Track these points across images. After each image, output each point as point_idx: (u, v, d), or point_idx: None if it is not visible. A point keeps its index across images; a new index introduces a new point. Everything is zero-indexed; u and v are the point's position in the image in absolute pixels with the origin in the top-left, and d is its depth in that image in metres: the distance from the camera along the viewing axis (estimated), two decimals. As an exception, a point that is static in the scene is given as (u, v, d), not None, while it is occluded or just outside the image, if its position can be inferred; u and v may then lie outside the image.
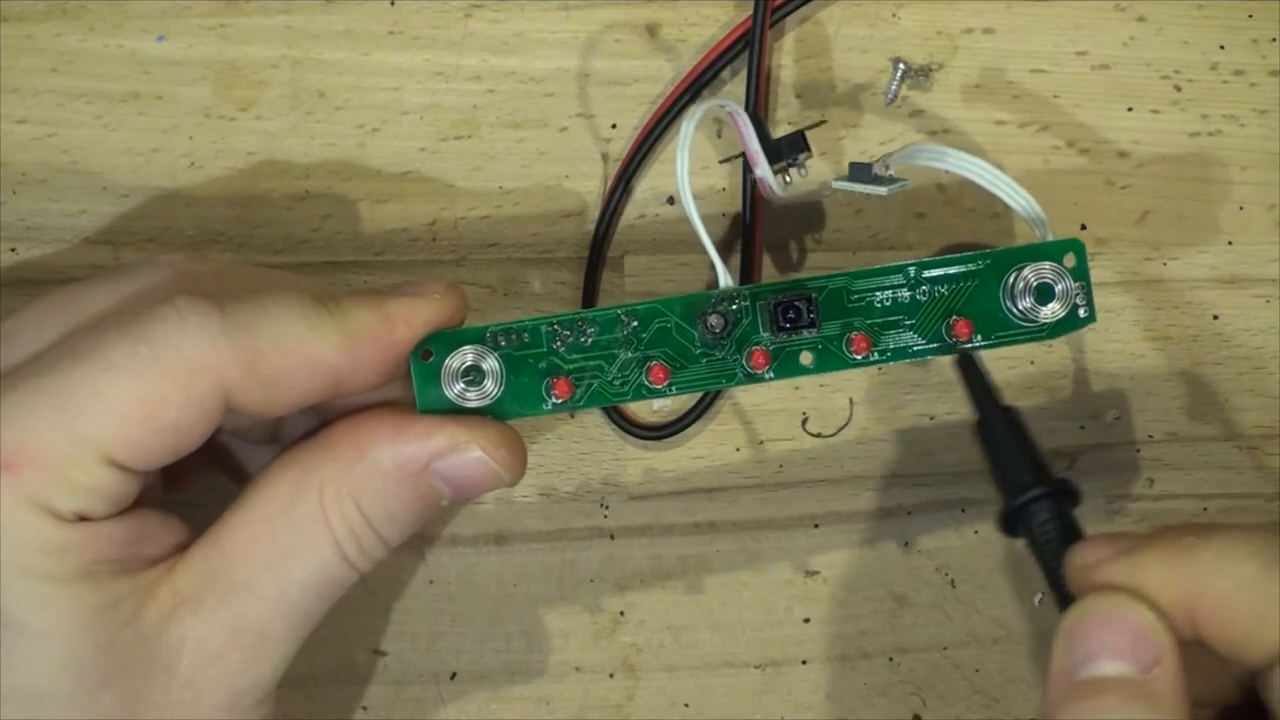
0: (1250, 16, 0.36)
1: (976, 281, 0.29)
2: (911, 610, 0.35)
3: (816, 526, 0.35)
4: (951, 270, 0.29)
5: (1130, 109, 0.36)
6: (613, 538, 0.35)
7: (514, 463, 0.28)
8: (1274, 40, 0.36)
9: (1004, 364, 0.35)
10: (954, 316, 0.29)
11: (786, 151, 0.32)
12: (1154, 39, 0.36)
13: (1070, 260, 0.29)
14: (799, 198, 0.35)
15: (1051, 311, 0.29)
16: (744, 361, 0.29)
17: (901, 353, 0.29)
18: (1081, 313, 0.29)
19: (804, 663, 0.35)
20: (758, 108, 0.34)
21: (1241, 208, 0.36)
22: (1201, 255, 0.36)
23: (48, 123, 0.34)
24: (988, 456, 0.29)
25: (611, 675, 0.35)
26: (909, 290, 0.29)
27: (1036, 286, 0.29)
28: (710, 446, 0.35)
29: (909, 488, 0.35)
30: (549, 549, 0.35)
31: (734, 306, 0.29)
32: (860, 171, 0.32)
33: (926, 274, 0.29)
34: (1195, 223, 0.36)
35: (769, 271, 0.35)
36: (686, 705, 0.35)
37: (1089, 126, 0.36)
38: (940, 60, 0.36)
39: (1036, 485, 0.28)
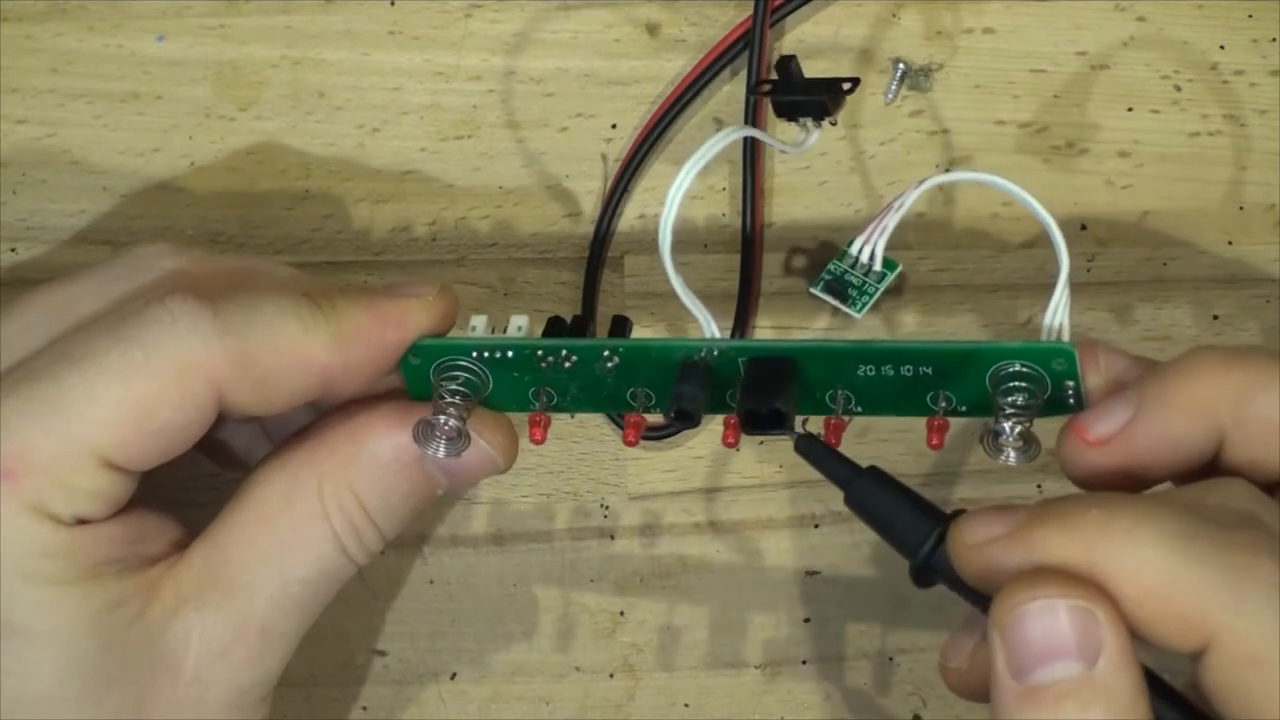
0: (1250, 16, 0.36)
1: (964, 364, 0.27)
2: (911, 610, 0.35)
3: (816, 526, 0.35)
4: (937, 356, 0.27)
5: (1130, 109, 0.36)
6: (613, 538, 0.35)
7: (508, 446, 0.29)
8: (1274, 40, 0.36)
9: (1004, 364, 0.35)
10: (939, 391, 0.28)
11: (812, 104, 0.31)
12: (1154, 39, 0.36)
13: (1060, 364, 0.27)
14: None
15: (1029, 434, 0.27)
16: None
17: (880, 411, 0.28)
18: (1071, 403, 0.28)
19: (804, 663, 0.35)
20: (757, 108, 0.34)
21: (1241, 208, 0.36)
22: (1201, 255, 0.36)
23: (48, 123, 0.34)
24: (871, 525, 0.27)
25: (611, 675, 0.35)
26: (893, 369, 0.28)
27: (1018, 433, 0.27)
28: (710, 446, 0.35)
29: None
30: (549, 549, 0.35)
31: (699, 403, 0.27)
32: (836, 288, 0.32)
33: (912, 357, 0.27)
34: (1195, 223, 0.36)
35: (766, 272, 0.35)
36: (686, 705, 0.35)
37: (1089, 126, 0.36)
38: (940, 60, 0.36)
39: (930, 530, 0.26)
